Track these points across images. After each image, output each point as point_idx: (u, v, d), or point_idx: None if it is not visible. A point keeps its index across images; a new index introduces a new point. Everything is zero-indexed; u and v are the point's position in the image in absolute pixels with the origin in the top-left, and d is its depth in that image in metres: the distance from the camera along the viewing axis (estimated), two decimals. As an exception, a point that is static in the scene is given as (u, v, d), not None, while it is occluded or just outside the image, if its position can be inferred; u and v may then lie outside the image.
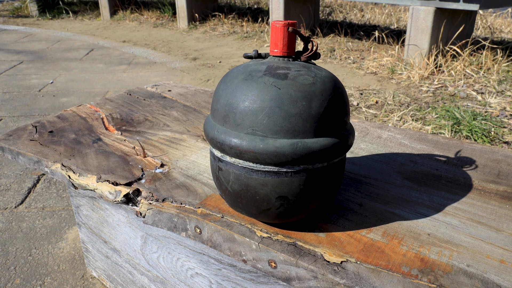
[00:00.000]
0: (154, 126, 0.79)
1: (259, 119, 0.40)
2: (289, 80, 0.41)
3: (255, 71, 0.43)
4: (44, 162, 0.66)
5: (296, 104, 0.40)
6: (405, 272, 0.40)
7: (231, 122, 0.42)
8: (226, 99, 0.43)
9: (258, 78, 0.42)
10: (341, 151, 0.43)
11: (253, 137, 0.41)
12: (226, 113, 0.43)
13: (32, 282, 0.89)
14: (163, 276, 0.69)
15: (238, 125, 0.41)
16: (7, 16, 5.23)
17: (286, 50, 0.44)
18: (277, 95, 0.40)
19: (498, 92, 1.92)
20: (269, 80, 0.41)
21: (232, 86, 0.43)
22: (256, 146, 0.40)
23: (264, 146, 0.40)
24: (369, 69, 2.43)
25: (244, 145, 0.41)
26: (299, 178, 0.42)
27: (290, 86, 0.41)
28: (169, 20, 4.41)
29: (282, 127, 0.40)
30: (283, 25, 0.43)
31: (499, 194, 0.55)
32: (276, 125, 0.40)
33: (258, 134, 0.41)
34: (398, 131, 0.75)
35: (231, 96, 0.42)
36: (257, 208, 0.45)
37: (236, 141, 0.41)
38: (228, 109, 0.42)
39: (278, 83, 0.41)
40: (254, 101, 0.41)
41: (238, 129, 0.42)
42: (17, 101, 2.09)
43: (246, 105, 0.41)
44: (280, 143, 0.40)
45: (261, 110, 0.40)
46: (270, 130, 0.40)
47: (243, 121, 0.41)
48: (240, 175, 0.43)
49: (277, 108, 0.40)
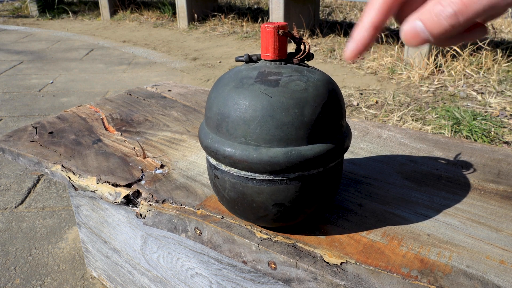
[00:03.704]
0: (154, 127, 0.79)
1: (251, 128, 0.40)
2: (280, 87, 0.40)
3: (246, 77, 0.42)
4: (44, 163, 0.66)
5: (288, 112, 0.39)
6: (404, 273, 0.40)
7: (224, 131, 0.42)
8: (218, 107, 0.42)
9: (249, 86, 0.41)
10: (337, 155, 0.43)
11: (246, 147, 0.40)
12: (219, 122, 0.42)
13: (32, 282, 0.89)
14: (163, 276, 0.69)
15: (231, 135, 0.41)
16: (7, 16, 5.23)
17: (278, 54, 0.43)
18: (269, 104, 0.39)
19: (498, 92, 1.92)
20: (260, 88, 0.40)
21: (224, 94, 0.42)
22: (249, 155, 0.40)
23: (258, 155, 0.40)
24: (369, 69, 2.43)
25: (238, 155, 0.40)
26: (294, 185, 0.42)
27: (281, 93, 0.40)
28: (169, 20, 4.41)
29: (275, 136, 0.39)
30: (273, 28, 0.42)
31: (499, 194, 0.55)
32: (269, 134, 0.39)
33: (251, 144, 0.40)
34: (398, 130, 0.75)
35: (223, 105, 0.42)
36: (254, 215, 0.45)
37: (229, 151, 0.41)
38: (221, 118, 0.42)
39: (269, 90, 0.40)
40: (245, 110, 0.40)
41: (231, 138, 0.41)
42: (17, 101, 2.09)
43: (238, 114, 0.40)
44: (273, 152, 0.40)
45: (253, 120, 0.40)
46: (263, 139, 0.40)
47: (236, 130, 0.41)
48: (235, 184, 0.43)
49: (269, 117, 0.39)
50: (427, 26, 0.26)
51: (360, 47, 0.30)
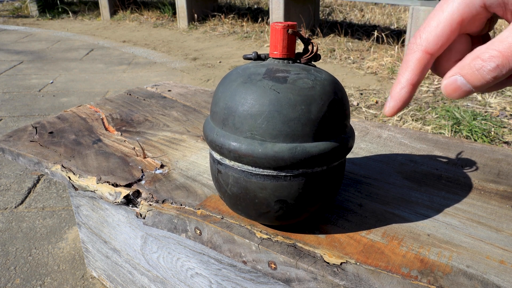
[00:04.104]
0: (154, 127, 0.79)
1: (258, 123, 0.40)
2: (288, 83, 0.41)
3: (254, 74, 0.43)
4: (44, 163, 0.66)
5: (295, 108, 0.40)
6: (404, 273, 0.40)
7: (230, 125, 0.42)
8: (225, 102, 0.43)
9: (257, 82, 0.41)
10: (341, 155, 0.43)
11: (252, 141, 0.40)
12: (225, 116, 0.42)
13: (32, 282, 0.89)
14: (163, 276, 0.69)
15: (237, 129, 0.41)
16: (7, 16, 5.23)
17: (286, 52, 0.44)
18: (276, 99, 0.40)
19: (498, 92, 1.92)
20: (268, 84, 0.41)
21: (231, 89, 0.43)
22: (254, 150, 0.40)
23: (263, 150, 0.40)
24: (369, 69, 2.43)
25: (243, 149, 0.41)
26: (298, 182, 0.42)
27: (289, 90, 0.40)
28: (169, 20, 4.41)
29: (281, 132, 0.40)
30: (282, 27, 0.42)
31: (499, 194, 0.55)
32: (275, 129, 0.40)
33: (257, 138, 0.40)
34: (398, 130, 0.75)
35: (230, 100, 0.42)
36: (256, 211, 0.45)
37: (235, 145, 0.41)
38: (227, 113, 0.42)
39: (277, 86, 0.40)
40: (253, 105, 0.40)
41: (237, 132, 0.41)
42: (17, 101, 2.10)
43: (245, 109, 0.41)
44: (279, 147, 0.40)
45: (260, 114, 0.40)
46: (269, 134, 0.40)
47: (242, 125, 0.41)
48: (239, 178, 0.43)
49: (276, 112, 0.40)
50: (469, 80, 0.26)
51: (400, 105, 0.31)
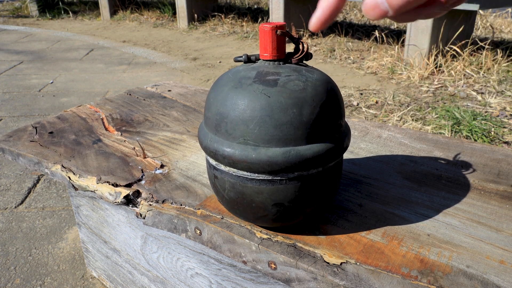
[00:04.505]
0: (154, 127, 0.79)
1: (250, 128, 0.40)
2: (279, 87, 0.40)
3: (244, 78, 0.42)
4: (44, 163, 0.66)
5: (287, 112, 0.39)
6: (404, 273, 0.40)
7: (223, 131, 0.42)
8: (217, 108, 0.42)
9: (248, 86, 0.41)
10: (336, 155, 0.43)
11: (245, 147, 0.40)
12: (218, 122, 0.42)
13: (32, 282, 0.89)
14: (163, 276, 0.69)
15: (230, 135, 0.41)
16: (7, 16, 5.23)
17: (276, 54, 0.43)
18: (267, 104, 0.39)
19: (498, 92, 1.92)
20: (259, 88, 0.40)
21: (222, 95, 0.42)
22: (248, 155, 0.40)
23: (257, 155, 0.40)
24: (369, 69, 2.43)
25: (237, 155, 0.40)
26: (294, 185, 0.42)
27: (280, 93, 0.40)
28: (169, 20, 4.41)
29: (273, 136, 0.39)
30: (271, 28, 0.41)
31: (499, 194, 0.55)
32: (268, 134, 0.39)
33: (250, 144, 0.40)
34: (398, 130, 0.75)
35: (222, 105, 0.42)
36: (254, 215, 0.45)
37: (228, 151, 0.41)
38: (219, 118, 0.42)
39: (267, 90, 0.40)
40: (244, 110, 0.40)
41: (230, 138, 0.41)
42: (17, 101, 2.09)
43: (237, 114, 0.40)
44: (272, 152, 0.40)
45: (251, 120, 0.40)
46: (262, 139, 0.40)
47: (235, 130, 0.41)
48: (235, 184, 0.43)
49: (267, 117, 0.39)
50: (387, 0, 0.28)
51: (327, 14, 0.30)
